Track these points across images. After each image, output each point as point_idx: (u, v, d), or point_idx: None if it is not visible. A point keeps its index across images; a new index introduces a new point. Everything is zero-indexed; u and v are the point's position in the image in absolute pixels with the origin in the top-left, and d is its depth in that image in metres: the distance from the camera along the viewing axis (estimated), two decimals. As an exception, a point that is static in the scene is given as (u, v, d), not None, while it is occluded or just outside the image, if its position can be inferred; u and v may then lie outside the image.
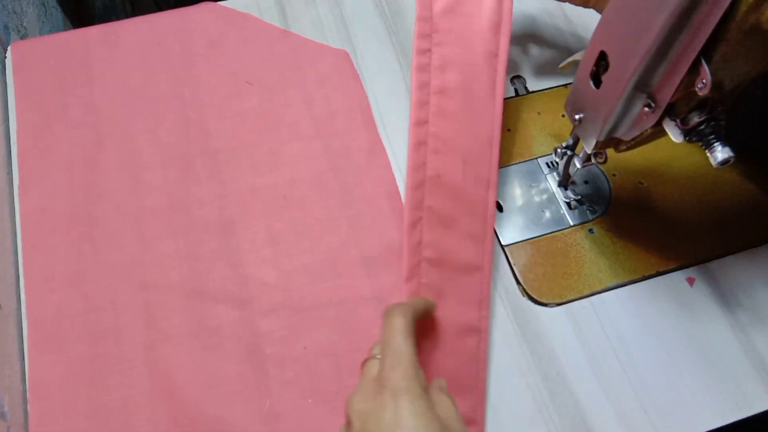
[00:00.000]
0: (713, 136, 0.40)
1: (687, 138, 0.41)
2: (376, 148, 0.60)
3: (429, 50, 0.56)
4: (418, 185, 0.53)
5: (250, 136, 0.60)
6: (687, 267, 0.56)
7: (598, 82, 0.44)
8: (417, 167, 0.54)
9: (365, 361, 0.42)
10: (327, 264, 0.55)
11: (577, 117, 0.48)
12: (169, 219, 0.56)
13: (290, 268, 0.55)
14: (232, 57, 0.64)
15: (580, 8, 0.59)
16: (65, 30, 0.85)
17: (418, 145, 0.54)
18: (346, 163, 0.59)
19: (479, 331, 0.52)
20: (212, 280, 0.54)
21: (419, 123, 0.55)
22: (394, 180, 0.59)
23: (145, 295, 0.53)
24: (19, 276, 0.53)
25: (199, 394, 0.50)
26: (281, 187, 0.58)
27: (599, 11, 0.57)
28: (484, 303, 0.53)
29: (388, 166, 0.59)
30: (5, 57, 0.62)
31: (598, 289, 0.54)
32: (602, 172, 0.59)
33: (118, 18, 1.12)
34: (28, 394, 0.49)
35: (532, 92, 0.64)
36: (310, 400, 0.50)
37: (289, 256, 0.55)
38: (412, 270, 0.52)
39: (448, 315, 0.51)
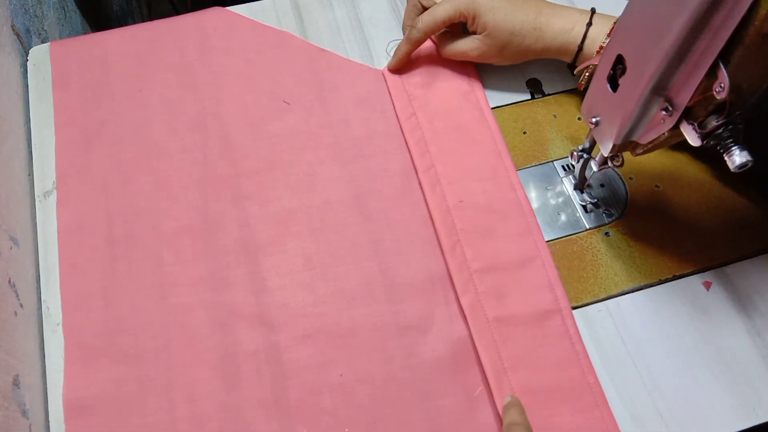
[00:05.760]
0: (731, 140, 0.40)
1: (704, 142, 0.41)
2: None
3: (413, 114, 0.61)
4: (444, 216, 0.56)
5: (287, 157, 0.59)
6: (703, 271, 0.56)
7: (615, 86, 0.44)
8: (437, 203, 0.57)
9: None
10: (363, 289, 0.54)
11: (593, 120, 0.48)
12: (205, 240, 0.55)
13: (326, 293, 0.54)
14: (269, 76, 0.63)
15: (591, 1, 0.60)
16: (84, 33, 0.86)
17: (432, 186, 0.57)
18: (383, 186, 0.58)
19: (559, 310, 0.53)
20: (248, 303, 0.53)
21: (426, 169, 0.58)
22: None
23: (181, 317, 0.53)
24: (39, 276, 0.54)
25: (233, 421, 0.49)
26: (318, 209, 0.57)
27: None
28: (555, 284, 0.54)
29: None
30: (27, 60, 0.63)
31: (614, 292, 0.54)
32: (619, 175, 0.59)
33: (134, 21, 1.14)
34: (63, 415, 0.49)
35: (548, 95, 0.64)
36: (347, 430, 0.49)
37: (325, 281, 0.54)
38: (465, 285, 0.53)
39: (520, 309, 0.53)
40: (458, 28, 0.62)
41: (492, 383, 0.50)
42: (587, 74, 0.57)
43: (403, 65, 0.63)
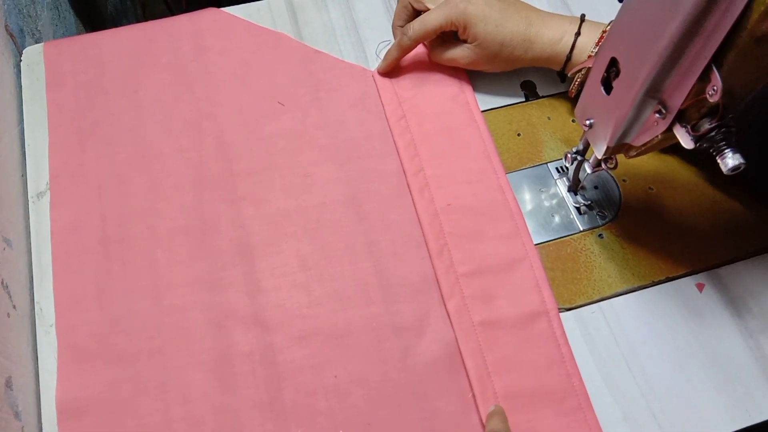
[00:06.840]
0: (724, 143, 0.40)
1: (697, 144, 0.41)
2: None
3: (403, 116, 0.61)
4: (432, 220, 0.56)
5: (282, 158, 0.59)
6: (696, 273, 0.56)
7: (609, 88, 0.44)
8: (425, 207, 0.57)
9: None
10: (359, 290, 0.54)
11: (587, 122, 0.48)
12: (200, 241, 0.55)
13: (321, 294, 0.54)
14: (264, 77, 0.63)
15: (585, 4, 0.60)
16: (78, 34, 0.85)
17: (421, 190, 0.58)
18: (379, 187, 0.58)
19: (546, 312, 0.53)
20: (243, 304, 0.53)
21: (414, 173, 0.58)
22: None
23: (175, 318, 0.52)
24: (32, 277, 0.54)
25: (228, 423, 0.49)
26: (313, 210, 0.57)
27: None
28: (542, 286, 0.54)
29: None
30: (20, 60, 0.63)
31: (608, 294, 0.55)
32: (612, 177, 0.59)
33: (129, 21, 1.13)
34: (57, 416, 0.49)
35: (542, 97, 0.64)
36: (341, 431, 0.50)
37: (320, 282, 0.54)
38: (451, 289, 0.53)
39: (507, 312, 0.53)
40: (450, 34, 0.62)
41: (476, 388, 0.50)
42: (578, 81, 0.57)
43: (393, 69, 0.63)
